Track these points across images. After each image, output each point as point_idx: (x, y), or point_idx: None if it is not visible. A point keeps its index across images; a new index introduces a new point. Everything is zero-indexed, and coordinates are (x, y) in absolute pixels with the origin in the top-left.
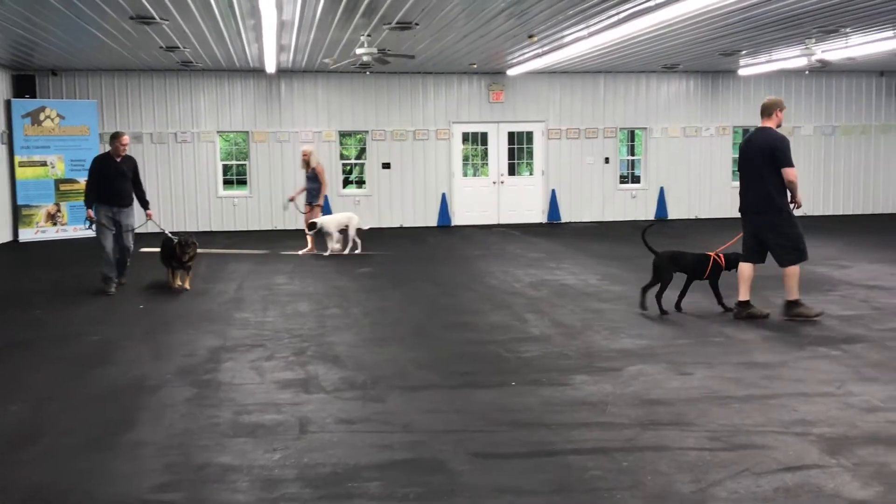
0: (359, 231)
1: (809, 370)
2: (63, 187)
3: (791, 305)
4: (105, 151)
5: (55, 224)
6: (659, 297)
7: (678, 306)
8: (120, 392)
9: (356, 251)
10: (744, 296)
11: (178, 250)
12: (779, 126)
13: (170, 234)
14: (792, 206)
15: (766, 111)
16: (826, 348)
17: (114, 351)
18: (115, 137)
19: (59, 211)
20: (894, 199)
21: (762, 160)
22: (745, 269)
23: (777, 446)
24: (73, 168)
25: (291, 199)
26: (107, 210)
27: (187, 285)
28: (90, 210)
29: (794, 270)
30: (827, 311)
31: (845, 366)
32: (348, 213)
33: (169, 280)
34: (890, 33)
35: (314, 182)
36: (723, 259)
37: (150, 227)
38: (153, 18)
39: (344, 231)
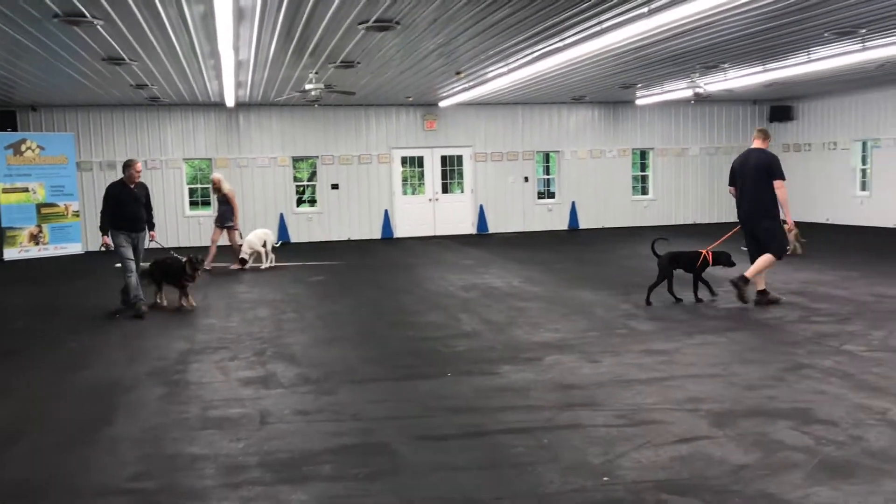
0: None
1: (700, 355)
2: (44, 210)
3: (759, 294)
4: (119, 179)
5: (37, 244)
6: (651, 288)
7: (696, 295)
8: (98, 393)
9: (271, 264)
10: (760, 286)
11: (187, 268)
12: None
13: (173, 254)
14: (784, 224)
15: (765, 135)
16: (714, 336)
17: (92, 356)
18: (129, 165)
19: (40, 232)
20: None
21: (759, 174)
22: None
23: (673, 421)
24: (52, 193)
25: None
26: (125, 236)
27: (193, 302)
28: (106, 237)
29: (769, 258)
30: (713, 304)
31: (729, 351)
32: (265, 230)
33: (157, 299)
34: (760, 68)
35: (225, 205)
36: (710, 256)
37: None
38: (123, 60)
39: (263, 246)
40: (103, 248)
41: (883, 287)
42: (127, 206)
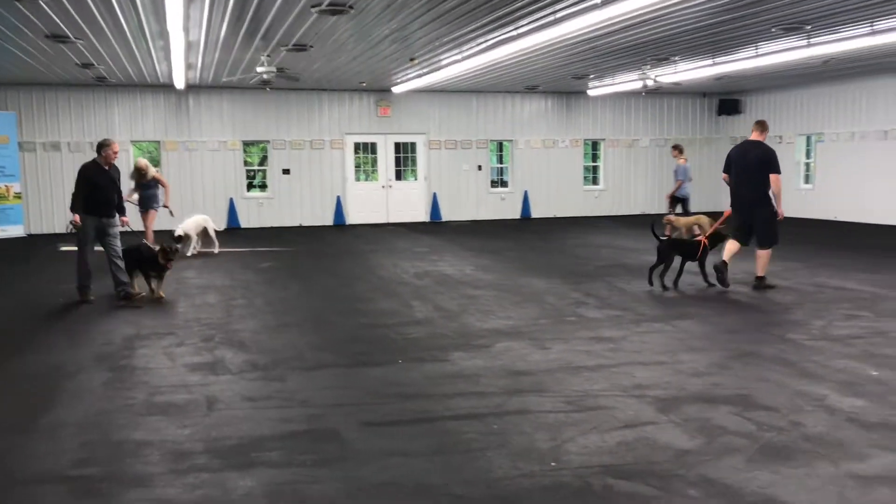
0: (216, 231)
1: (646, 343)
2: None
3: (759, 280)
4: (92, 160)
5: None
6: (661, 275)
7: (675, 284)
8: (39, 378)
9: (215, 250)
10: (726, 257)
11: (160, 257)
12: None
13: (145, 242)
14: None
15: (763, 127)
16: (661, 324)
17: (34, 341)
18: (105, 146)
19: None
20: (716, 199)
21: (759, 166)
22: (732, 244)
23: (619, 407)
24: None
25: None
26: (95, 221)
27: (161, 293)
28: (77, 216)
29: (768, 253)
30: (660, 293)
31: (676, 339)
32: (203, 216)
33: (131, 288)
34: (710, 62)
35: (155, 188)
36: (707, 241)
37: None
38: (68, 38)
39: (203, 232)
40: (71, 228)
41: (824, 277)
42: (104, 189)
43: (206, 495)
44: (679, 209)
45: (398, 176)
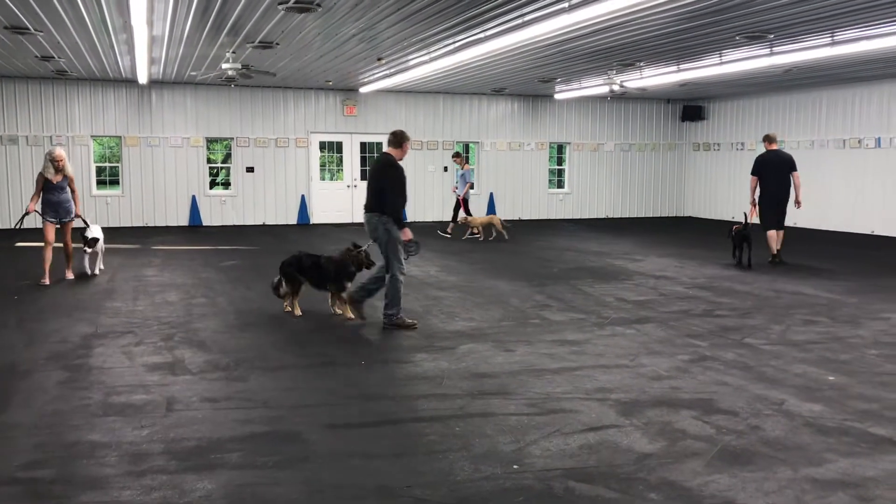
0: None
1: (609, 346)
2: None
3: (777, 255)
4: (391, 155)
5: None
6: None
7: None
8: None
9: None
10: (773, 250)
11: (353, 265)
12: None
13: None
14: (796, 204)
15: (774, 139)
16: (622, 328)
17: None
18: (407, 138)
19: None
20: (678, 204)
21: (786, 169)
22: (773, 233)
23: (582, 410)
24: None
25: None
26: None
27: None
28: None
29: (782, 233)
30: (623, 296)
31: (637, 342)
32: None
33: (289, 307)
34: (675, 68)
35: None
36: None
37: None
38: (27, 29)
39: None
40: (412, 251)
41: (782, 283)
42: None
43: (163, 497)
44: (462, 212)
45: (363, 176)
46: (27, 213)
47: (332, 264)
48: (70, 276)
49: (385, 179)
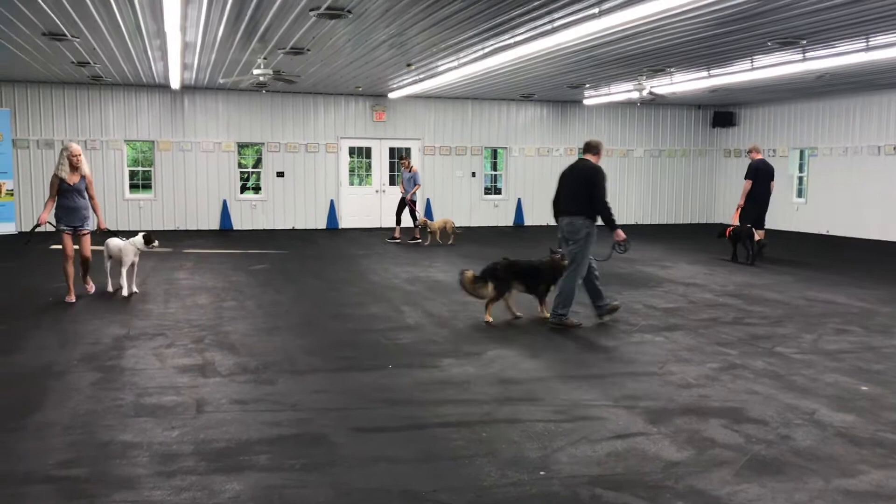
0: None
1: (638, 353)
2: None
3: (763, 245)
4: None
5: None
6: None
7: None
8: (27, 377)
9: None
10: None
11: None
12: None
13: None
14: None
15: (759, 150)
16: (651, 335)
17: (22, 340)
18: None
19: None
20: (708, 210)
21: (771, 177)
22: (760, 233)
23: (609, 417)
24: None
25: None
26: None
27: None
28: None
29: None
30: (652, 304)
31: (666, 350)
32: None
33: (512, 312)
34: (705, 74)
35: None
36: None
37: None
38: (65, 35)
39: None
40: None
41: (815, 291)
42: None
43: (192, 498)
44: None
45: (392, 181)
46: (38, 225)
47: (549, 269)
48: (90, 288)
49: (597, 185)
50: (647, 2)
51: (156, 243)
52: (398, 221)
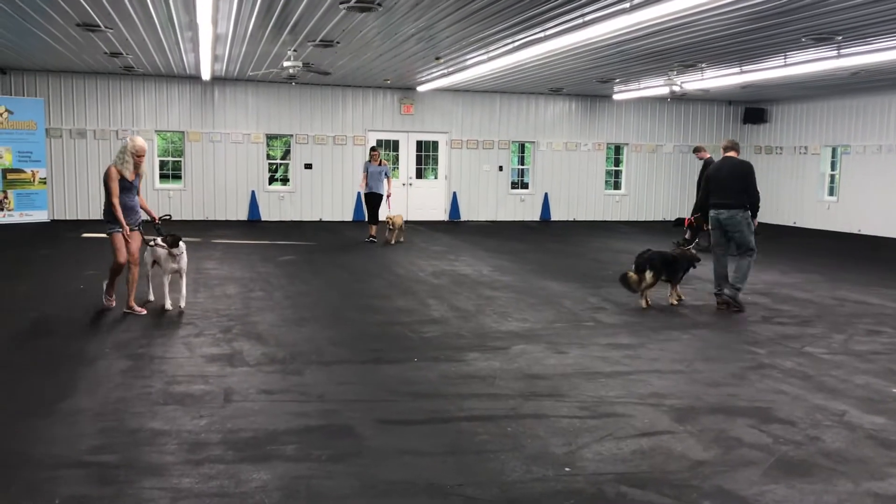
0: None
1: (664, 350)
2: (10, 176)
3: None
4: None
5: (2, 210)
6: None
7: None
8: (59, 364)
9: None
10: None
11: (693, 259)
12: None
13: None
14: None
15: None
16: (678, 332)
17: (54, 326)
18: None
19: (6, 198)
20: None
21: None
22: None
23: (635, 415)
24: (20, 159)
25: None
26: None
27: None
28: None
29: None
30: (681, 301)
31: (693, 348)
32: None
33: (645, 300)
34: (737, 70)
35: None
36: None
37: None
38: (98, 26)
39: None
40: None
41: (845, 291)
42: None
43: (220, 486)
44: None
45: (419, 174)
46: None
47: (684, 260)
48: (112, 302)
49: (753, 179)
50: None
51: (179, 247)
52: (376, 219)
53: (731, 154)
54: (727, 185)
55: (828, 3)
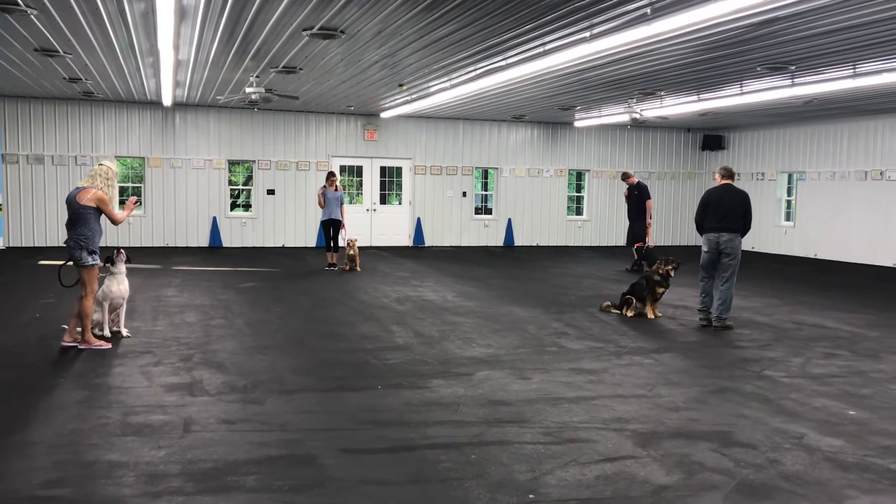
0: None
1: (626, 376)
2: None
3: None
4: None
5: None
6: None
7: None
8: (12, 394)
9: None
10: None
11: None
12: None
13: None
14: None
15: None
16: (640, 357)
17: (8, 356)
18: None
19: None
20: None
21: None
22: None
23: (598, 440)
24: None
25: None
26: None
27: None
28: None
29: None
30: (641, 326)
31: (655, 372)
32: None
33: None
34: (695, 97)
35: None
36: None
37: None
38: (57, 52)
39: None
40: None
41: (803, 315)
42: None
43: None
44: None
45: (383, 200)
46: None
47: (645, 280)
48: (73, 339)
49: (749, 209)
50: (638, 27)
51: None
52: (335, 247)
53: (729, 182)
54: (731, 211)
55: (781, 34)
